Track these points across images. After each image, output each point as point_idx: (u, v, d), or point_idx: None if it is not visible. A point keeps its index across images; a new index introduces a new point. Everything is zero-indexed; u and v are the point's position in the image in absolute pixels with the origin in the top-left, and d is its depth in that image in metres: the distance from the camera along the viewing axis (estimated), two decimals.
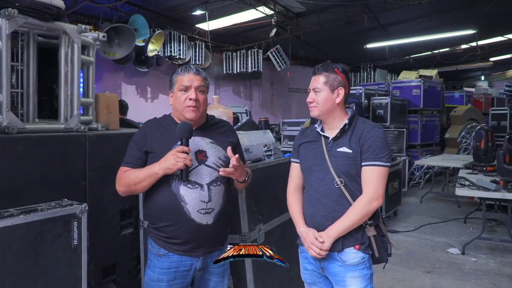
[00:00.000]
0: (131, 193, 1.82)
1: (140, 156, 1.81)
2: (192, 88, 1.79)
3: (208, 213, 1.77)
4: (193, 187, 1.75)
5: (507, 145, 4.67)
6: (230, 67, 9.71)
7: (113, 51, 6.42)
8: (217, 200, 1.80)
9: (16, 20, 1.87)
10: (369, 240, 1.80)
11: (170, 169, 1.67)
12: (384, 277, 3.76)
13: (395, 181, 5.99)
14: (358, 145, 1.79)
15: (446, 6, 7.68)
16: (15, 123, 1.89)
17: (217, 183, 1.80)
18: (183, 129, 1.71)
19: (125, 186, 1.78)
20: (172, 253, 1.79)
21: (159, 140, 1.80)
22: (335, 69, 1.84)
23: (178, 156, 1.65)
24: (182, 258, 1.80)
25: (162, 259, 1.80)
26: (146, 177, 1.72)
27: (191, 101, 1.77)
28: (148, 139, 1.81)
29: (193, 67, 1.84)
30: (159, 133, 1.83)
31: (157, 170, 1.69)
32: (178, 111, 1.83)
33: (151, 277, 1.81)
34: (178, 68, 1.86)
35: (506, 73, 15.96)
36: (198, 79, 1.81)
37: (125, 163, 1.82)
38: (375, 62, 12.37)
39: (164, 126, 1.86)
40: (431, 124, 9.55)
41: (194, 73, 1.81)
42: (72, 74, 2.19)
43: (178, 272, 1.80)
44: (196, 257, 1.81)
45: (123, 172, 1.79)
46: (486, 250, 4.67)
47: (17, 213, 1.60)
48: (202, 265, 1.84)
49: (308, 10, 7.76)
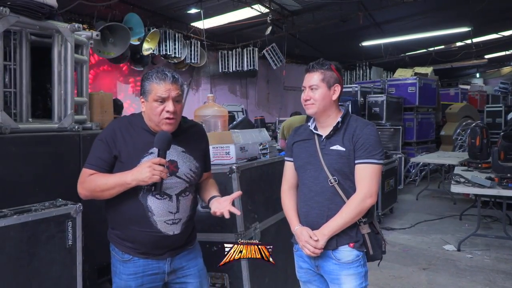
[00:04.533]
0: (95, 198, 1.67)
1: (108, 159, 1.67)
2: (170, 99, 1.62)
3: (175, 223, 1.70)
4: (162, 198, 1.67)
5: (502, 142, 4.70)
6: (226, 66, 9.71)
7: (108, 50, 6.39)
8: (184, 210, 1.73)
9: (8, 19, 1.86)
10: (363, 238, 1.80)
11: (145, 181, 1.55)
12: (380, 274, 3.77)
13: (391, 179, 6.01)
14: (351, 143, 1.79)
15: (441, 3, 7.70)
16: (8, 123, 1.88)
17: (186, 194, 1.74)
18: (162, 140, 1.58)
19: (89, 191, 1.64)
20: (137, 257, 1.71)
21: (129, 147, 1.67)
22: (331, 66, 1.85)
23: (155, 168, 1.53)
24: (148, 261, 1.71)
25: (128, 264, 1.71)
26: (116, 186, 1.60)
27: (169, 113, 1.63)
28: (117, 141, 1.67)
29: (169, 74, 1.64)
30: (128, 136, 1.69)
31: (129, 180, 1.57)
32: (152, 121, 1.68)
33: (119, 285, 1.73)
34: (152, 73, 1.65)
35: (500, 71, 16.06)
36: (175, 88, 1.64)
37: (90, 165, 1.67)
38: (370, 60, 12.38)
39: (135, 129, 1.71)
40: (426, 121, 9.60)
41: (171, 82, 1.63)
42: (65, 73, 2.18)
43: (145, 277, 1.71)
44: (162, 259, 1.74)
45: (87, 175, 1.65)
46: (482, 247, 4.70)
47: (10, 214, 1.59)
48: (171, 268, 1.76)
49: (303, 8, 7.76)
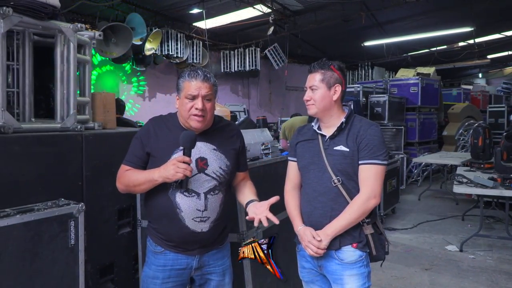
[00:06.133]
0: (130, 192, 1.81)
1: (141, 156, 1.78)
2: (199, 97, 1.69)
3: (203, 221, 1.74)
4: (190, 195, 1.72)
5: (504, 142, 4.69)
6: (228, 66, 9.72)
7: (110, 50, 6.41)
8: (213, 208, 1.76)
9: (11, 19, 1.86)
10: (366, 238, 1.80)
11: (169, 178, 1.63)
12: (382, 274, 3.76)
13: (393, 179, 6.00)
14: (355, 144, 1.79)
15: (443, 3, 7.69)
16: (11, 123, 1.88)
17: (215, 192, 1.76)
18: (186, 139, 1.64)
19: (124, 186, 1.78)
20: (168, 250, 1.78)
21: (161, 143, 1.76)
22: (331, 67, 1.84)
23: (179, 166, 1.59)
24: (178, 256, 1.78)
25: (159, 256, 1.80)
26: (145, 182, 1.70)
27: (197, 111, 1.69)
28: (151, 138, 1.78)
29: (201, 73, 1.71)
30: (162, 133, 1.78)
31: (156, 177, 1.66)
32: (183, 117, 1.75)
33: (147, 274, 1.81)
34: (186, 72, 1.75)
35: (503, 71, 16.02)
36: (206, 87, 1.71)
37: (127, 161, 1.79)
38: (372, 60, 12.36)
39: (168, 127, 1.80)
40: (428, 121, 9.57)
41: (202, 80, 1.70)
42: (68, 73, 2.18)
43: (173, 271, 1.79)
44: (191, 255, 1.79)
45: (124, 171, 1.78)
46: (484, 247, 4.68)
47: (13, 213, 1.59)
48: (198, 264, 1.82)
49: (305, 8, 7.76)
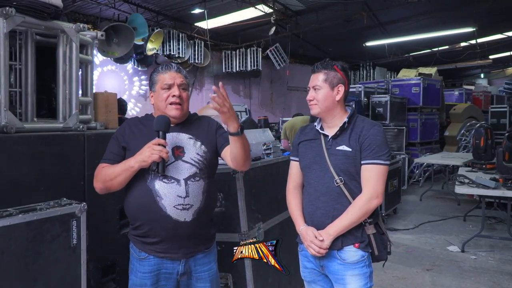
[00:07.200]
0: (108, 190, 1.76)
1: (118, 152, 1.78)
2: (175, 85, 1.77)
3: (186, 209, 1.70)
4: (169, 181, 1.70)
5: (506, 143, 4.67)
6: (229, 66, 9.72)
7: (112, 50, 6.40)
8: (195, 195, 1.73)
9: (14, 19, 1.86)
10: (368, 238, 1.80)
11: (145, 161, 1.63)
12: (384, 275, 3.76)
13: (394, 179, 5.99)
14: (357, 144, 1.79)
15: (445, 3, 7.68)
16: (13, 123, 1.88)
17: (195, 179, 1.74)
18: (159, 122, 1.68)
19: (101, 182, 1.74)
20: (152, 255, 1.75)
21: (136, 136, 1.78)
22: (335, 67, 1.84)
23: (154, 148, 1.61)
24: (163, 261, 1.75)
25: (143, 262, 1.76)
26: (122, 171, 1.69)
27: (174, 98, 1.75)
28: (126, 134, 1.80)
29: (174, 65, 1.83)
30: (137, 130, 1.81)
31: (133, 163, 1.66)
32: (160, 109, 1.79)
33: (134, 282, 1.78)
34: (159, 67, 1.84)
35: (505, 71, 16.00)
36: (180, 77, 1.79)
37: (103, 160, 1.80)
38: (374, 60, 12.37)
39: (143, 123, 1.84)
40: (430, 122, 9.56)
41: (176, 71, 1.80)
42: (70, 73, 2.18)
43: (160, 275, 1.76)
44: (177, 259, 1.76)
45: (100, 168, 1.77)
46: (486, 248, 4.67)
47: (16, 213, 1.59)
48: (184, 269, 1.78)
49: (307, 8, 7.76)
